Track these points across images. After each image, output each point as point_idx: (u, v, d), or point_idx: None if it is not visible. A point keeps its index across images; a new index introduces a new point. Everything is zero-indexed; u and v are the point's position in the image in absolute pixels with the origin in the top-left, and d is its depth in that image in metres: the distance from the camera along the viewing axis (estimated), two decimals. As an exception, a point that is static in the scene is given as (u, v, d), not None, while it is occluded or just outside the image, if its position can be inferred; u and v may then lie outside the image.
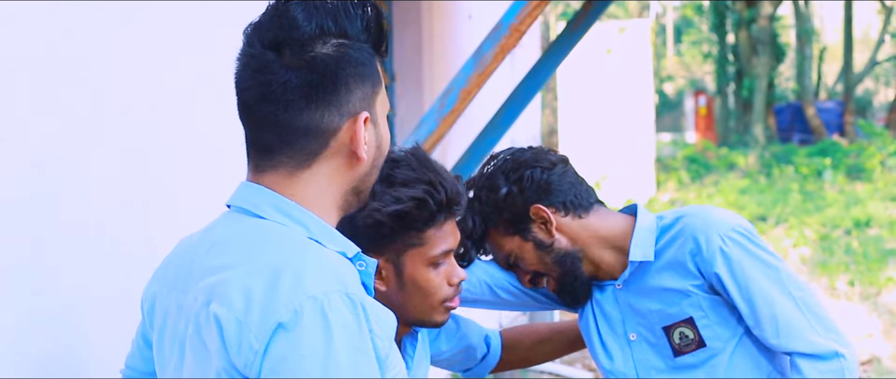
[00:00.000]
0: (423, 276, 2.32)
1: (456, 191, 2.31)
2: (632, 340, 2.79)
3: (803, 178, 21.28)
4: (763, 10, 28.71)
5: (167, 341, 1.83)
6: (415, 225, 2.27)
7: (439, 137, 4.32)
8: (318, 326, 1.59)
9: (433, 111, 4.30)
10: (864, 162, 21.58)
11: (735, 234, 2.63)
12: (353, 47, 1.78)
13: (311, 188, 1.79)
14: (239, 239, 1.76)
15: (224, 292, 1.67)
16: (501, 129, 5.68)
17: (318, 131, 1.76)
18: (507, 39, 4.22)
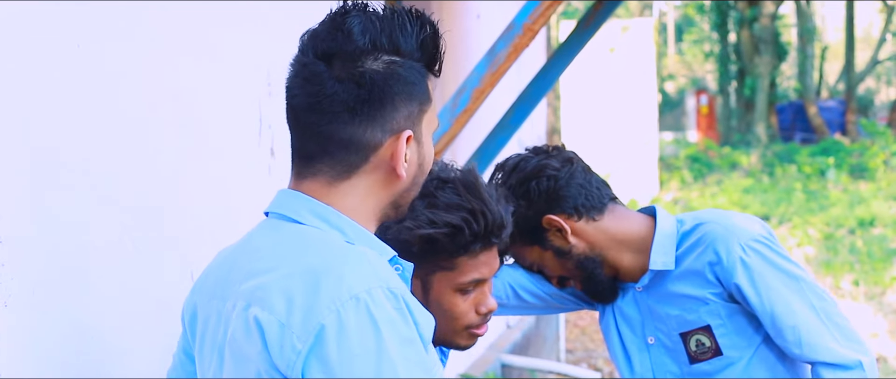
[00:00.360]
0: (449, 300, 2.27)
1: (499, 223, 2.24)
2: (650, 343, 2.79)
3: (806, 178, 21.28)
4: (765, 8, 28.70)
5: (207, 349, 1.84)
6: (445, 250, 2.21)
7: (452, 137, 4.30)
8: (365, 323, 1.61)
9: (445, 111, 4.28)
10: (867, 161, 21.59)
11: (755, 244, 2.61)
12: (404, 65, 1.78)
13: (349, 199, 1.81)
14: (278, 244, 1.77)
15: (264, 296, 1.68)
16: (511, 130, 5.66)
17: (359, 145, 1.78)
18: (520, 39, 4.21)
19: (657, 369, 2.79)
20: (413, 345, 1.65)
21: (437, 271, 2.25)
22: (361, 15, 1.78)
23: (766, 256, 2.60)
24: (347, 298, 1.62)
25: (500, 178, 2.70)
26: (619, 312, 2.83)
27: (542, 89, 5.66)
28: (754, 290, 2.60)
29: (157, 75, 2.64)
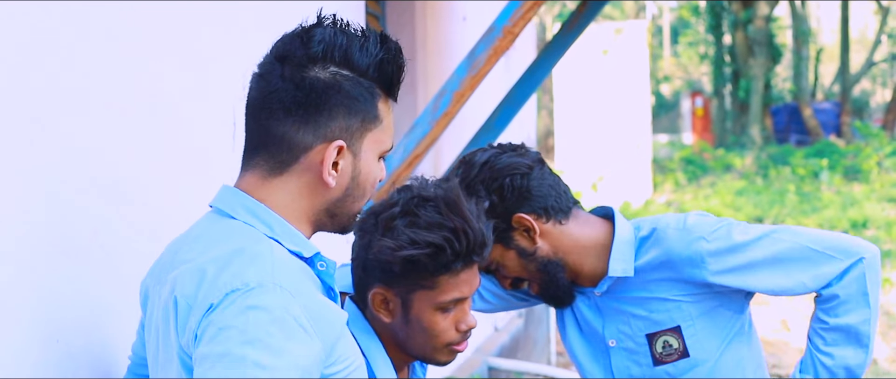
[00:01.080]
0: (429, 318, 2.28)
1: (480, 241, 2.25)
2: (611, 346, 2.78)
3: (800, 180, 21.29)
4: (759, 10, 28.72)
5: (151, 330, 1.94)
6: (427, 270, 2.22)
7: (433, 140, 4.30)
8: (241, 305, 1.69)
9: (426, 114, 4.27)
10: (860, 163, 21.61)
11: (713, 237, 2.63)
12: (350, 80, 1.88)
13: (279, 195, 1.91)
14: (208, 235, 1.88)
15: (183, 281, 1.79)
16: (496, 132, 5.67)
17: (290, 144, 1.88)
18: (500, 42, 4.20)
19: (618, 372, 2.79)
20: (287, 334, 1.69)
21: (418, 290, 2.25)
22: (328, 27, 1.89)
23: (728, 243, 2.63)
24: (240, 283, 1.72)
25: (469, 173, 2.65)
26: (578, 314, 2.82)
27: (527, 91, 5.67)
28: (736, 277, 2.63)
29: (130, 75, 2.64)
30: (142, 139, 2.68)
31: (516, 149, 2.72)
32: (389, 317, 2.30)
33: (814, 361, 2.68)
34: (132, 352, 2.23)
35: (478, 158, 2.68)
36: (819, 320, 2.67)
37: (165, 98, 2.83)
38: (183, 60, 2.94)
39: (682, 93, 39.71)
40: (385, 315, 2.30)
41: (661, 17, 45.28)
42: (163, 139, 2.80)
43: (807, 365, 2.70)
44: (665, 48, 46.76)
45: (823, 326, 2.65)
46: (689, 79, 45.01)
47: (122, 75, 2.59)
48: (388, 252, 2.20)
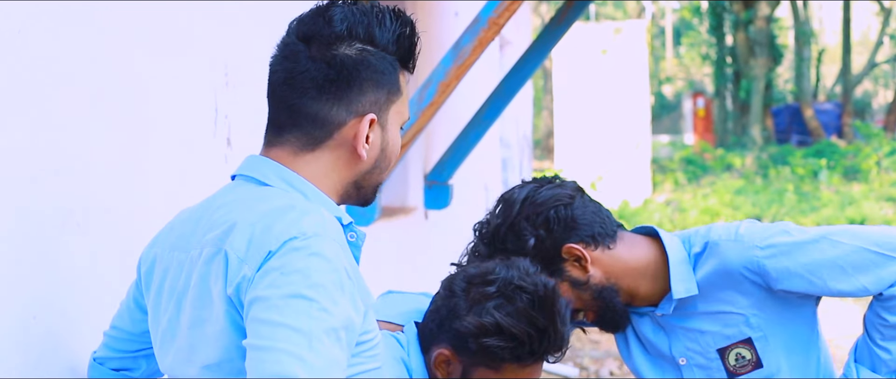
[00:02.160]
0: None
1: (558, 344, 2.28)
2: (682, 364, 2.74)
3: (799, 179, 21.30)
4: (760, 11, 28.71)
5: (165, 298, 1.96)
6: (500, 356, 2.24)
7: (419, 130, 4.35)
8: (304, 252, 1.75)
9: (412, 103, 4.32)
10: (860, 163, 21.61)
11: (767, 244, 2.59)
12: (376, 55, 1.95)
13: (311, 168, 1.96)
14: (243, 199, 1.92)
15: (232, 238, 1.83)
16: (485, 125, 5.72)
17: (324, 121, 1.94)
18: (485, 33, 4.24)
19: None
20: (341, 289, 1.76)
21: (481, 367, 2.28)
22: (345, 6, 1.95)
23: (784, 250, 2.58)
24: (297, 232, 1.77)
25: (510, 212, 2.63)
26: (641, 336, 2.79)
27: (515, 85, 5.71)
28: (798, 282, 2.58)
29: (112, 62, 2.65)
30: (120, 122, 2.69)
31: (552, 181, 2.70)
32: (446, 376, 2.33)
33: (871, 353, 2.63)
34: (112, 326, 2.24)
35: (516, 195, 2.65)
36: (878, 316, 2.59)
37: (145, 82, 2.85)
38: (164, 49, 2.96)
39: (684, 94, 39.71)
40: (442, 373, 2.33)
41: (663, 19, 45.26)
42: (142, 123, 2.81)
43: (863, 355, 2.65)
44: (667, 49, 46.73)
45: (883, 323, 2.58)
46: (691, 80, 44.99)
47: (99, 60, 2.60)
48: (472, 329, 2.24)
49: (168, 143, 2.95)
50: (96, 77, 2.59)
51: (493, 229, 2.65)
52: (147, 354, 2.22)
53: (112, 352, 2.24)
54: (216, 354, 1.83)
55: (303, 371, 1.63)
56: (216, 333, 1.82)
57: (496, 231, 2.64)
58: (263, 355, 1.66)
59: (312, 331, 1.67)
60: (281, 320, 1.68)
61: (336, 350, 1.70)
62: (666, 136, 37.43)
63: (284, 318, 1.68)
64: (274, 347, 1.66)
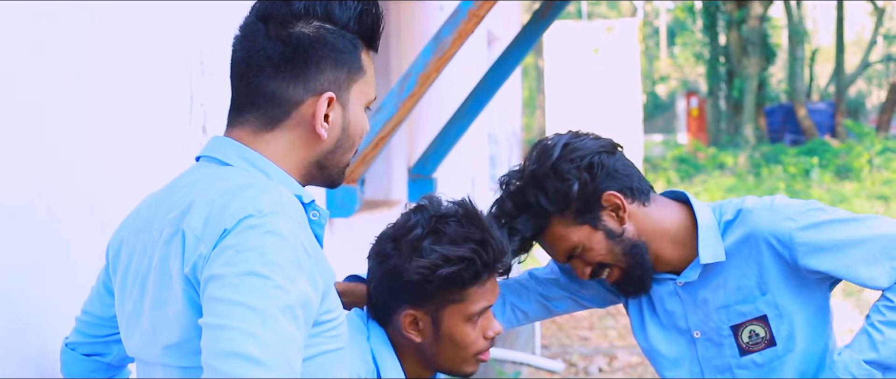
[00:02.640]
0: (460, 331, 2.34)
1: (501, 249, 2.33)
2: (696, 338, 2.73)
3: (791, 178, 21.34)
4: (753, 10, 28.76)
5: (130, 280, 1.94)
6: (460, 283, 2.28)
7: (399, 121, 4.35)
8: (260, 229, 1.73)
9: (392, 95, 4.33)
10: (852, 161, 21.65)
11: (801, 216, 2.56)
12: (334, 33, 1.92)
13: (271, 147, 1.94)
14: (207, 178, 1.90)
15: (189, 217, 1.81)
16: (469, 119, 5.73)
17: (281, 100, 1.91)
18: (465, 25, 4.25)
19: (705, 364, 2.74)
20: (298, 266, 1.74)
21: (448, 305, 2.32)
22: None
23: (819, 221, 2.54)
24: (253, 211, 1.75)
25: (549, 157, 2.60)
26: (659, 306, 2.78)
27: (498, 79, 5.73)
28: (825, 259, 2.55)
29: (86, 50, 2.65)
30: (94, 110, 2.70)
31: (589, 134, 2.69)
32: (420, 336, 2.35)
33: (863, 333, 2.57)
34: (83, 311, 2.24)
35: (555, 141, 2.64)
36: (886, 299, 2.55)
37: (120, 70, 2.85)
38: (139, 37, 2.97)
39: (678, 93, 39.77)
40: (415, 335, 2.35)
41: (657, 19, 45.29)
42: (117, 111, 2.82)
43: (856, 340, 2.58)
44: (661, 49, 46.77)
45: (888, 304, 2.54)
46: (685, 79, 45.04)
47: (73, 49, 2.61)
48: (425, 272, 2.26)
49: (143, 131, 2.96)
50: (70, 65, 2.59)
51: (528, 174, 2.63)
52: (118, 338, 2.21)
53: (83, 337, 2.25)
54: (177, 334, 1.82)
55: (256, 349, 1.62)
56: (176, 312, 1.81)
57: (533, 176, 2.61)
58: (217, 334, 1.65)
59: (267, 308, 1.66)
60: (235, 298, 1.66)
61: (291, 328, 1.68)
62: (659, 136, 37.48)
63: (239, 296, 1.66)
64: (228, 325, 1.64)
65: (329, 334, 1.86)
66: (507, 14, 9.91)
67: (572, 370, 9.77)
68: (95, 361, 2.26)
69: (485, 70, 6.04)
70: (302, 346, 1.72)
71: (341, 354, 1.92)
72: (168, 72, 3.13)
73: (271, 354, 1.63)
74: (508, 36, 9.10)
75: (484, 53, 8.72)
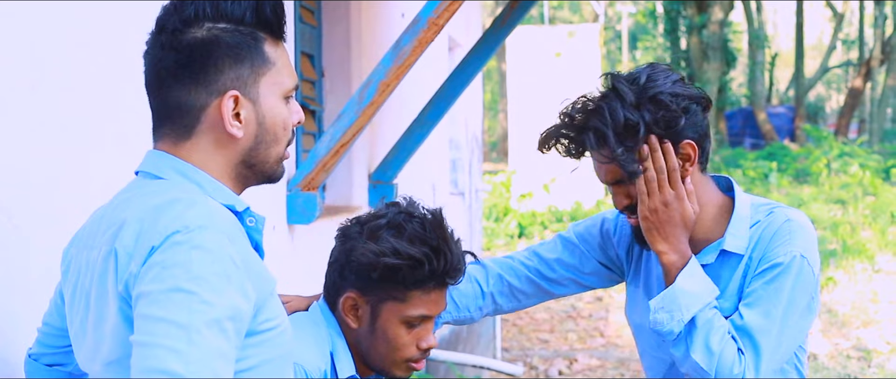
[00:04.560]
0: (394, 330, 2.37)
1: (457, 266, 2.37)
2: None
3: (751, 182, 21.50)
4: (714, 15, 28.95)
5: (77, 296, 1.95)
6: (403, 281, 2.32)
7: (359, 129, 4.38)
8: (186, 246, 1.73)
9: (352, 103, 4.35)
10: (810, 165, 21.84)
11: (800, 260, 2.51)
12: (228, 30, 1.91)
13: (194, 157, 1.93)
14: (139, 195, 1.89)
15: (121, 235, 1.81)
16: (429, 125, 5.75)
17: (188, 107, 1.91)
18: (425, 33, 4.27)
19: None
20: (226, 278, 1.74)
21: (388, 301, 2.35)
22: None
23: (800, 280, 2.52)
24: (181, 226, 1.75)
25: (656, 82, 2.55)
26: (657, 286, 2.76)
27: (459, 86, 5.75)
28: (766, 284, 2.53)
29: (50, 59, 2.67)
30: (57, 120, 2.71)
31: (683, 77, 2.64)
32: (357, 323, 2.38)
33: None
34: (43, 322, 2.25)
35: (658, 70, 2.60)
36: (722, 323, 2.55)
37: (84, 79, 2.87)
38: (103, 45, 2.98)
39: (640, 97, 39.81)
40: (353, 320, 2.38)
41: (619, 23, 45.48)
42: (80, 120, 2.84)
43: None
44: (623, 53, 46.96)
45: (712, 327, 2.54)
46: (647, 83, 45.15)
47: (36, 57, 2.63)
48: (372, 257, 2.30)
49: (103, 140, 2.95)
50: (31, 73, 2.60)
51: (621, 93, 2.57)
52: None
53: (44, 348, 2.25)
54: (115, 351, 1.83)
55: (179, 365, 1.63)
56: (112, 329, 1.82)
57: (640, 91, 2.56)
58: (144, 351, 1.66)
59: (191, 324, 1.66)
60: (161, 315, 1.67)
61: (219, 341, 1.69)
62: (621, 140, 37.49)
63: (164, 312, 1.67)
64: (153, 342, 1.65)
65: (268, 344, 1.87)
66: (469, 20, 9.93)
67: (532, 373, 9.82)
68: (58, 371, 2.27)
69: (446, 75, 6.06)
70: (232, 358, 1.72)
71: (284, 360, 1.93)
72: (129, 81, 3.13)
73: (196, 368, 1.63)
74: (470, 41, 9.12)
75: (445, 59, 8.74)
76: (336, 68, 5.99)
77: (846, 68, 41.25)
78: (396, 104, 6.43)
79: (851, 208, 17.35)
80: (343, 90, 5.91)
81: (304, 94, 5.41)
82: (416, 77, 6.05)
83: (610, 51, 42.19)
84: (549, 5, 28.97)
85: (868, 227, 15.67)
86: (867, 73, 30.75)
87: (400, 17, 6.92)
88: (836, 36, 36.31)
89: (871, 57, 30.55)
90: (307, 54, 5.53)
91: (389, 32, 6.65)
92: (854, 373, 9.20)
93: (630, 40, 46.23)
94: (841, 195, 18.70)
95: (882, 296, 11.92)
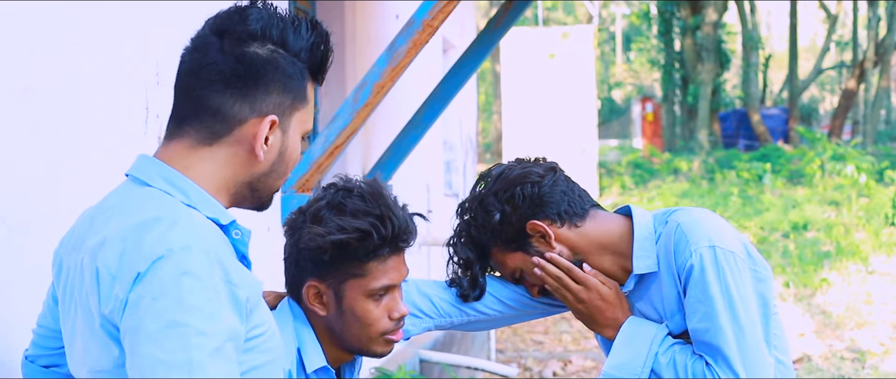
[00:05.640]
0: (361, 306, 2.37)
1: (405, 227, 2.38)
2: None
3: (744, 183, 21.51)
4: (708, 17, 28.95)
5: (67, 299, 1.95)
6: (356, 256, 2.32)
7: (353, 131, 4.37)
8: (173, 272, 1.73)
9: (347, 105, 4.35)
10: (804, 167, 21.85)
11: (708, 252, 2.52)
12: (286, 59, 1.95)
13: (205, 165, 1.95)
14: (124, 203, 1.90)
15: (102, 251, 1.81)
16: (424, 127, 5.74)
17: (226, 115, 1.92)
18: (419, 35, 4.27)
19: None
20: (216, 301, 1.75)
21: (349, 279, 2.35)
22: (263, 8, 1.96)
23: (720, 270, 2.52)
24: (164, 249, 1.75)
25: (485, 186, 2.71)
26: None
27: (453, 88, 5.74)
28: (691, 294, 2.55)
29: (41, 60, 2.66)
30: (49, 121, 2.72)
31: (530, 160, 2.75)
32: (324, 310, 2.39)
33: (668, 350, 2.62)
34: (37, 324, 2.25)
35: (493, 171, 2.74)
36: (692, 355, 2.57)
37: (75, 80, 2.86)
38: (94, 47, 2.98)
39: (633, 98, 39.95)
40: (320, 308, 2.39)
41: (613, 24, 45.52)
42: (72, 121, 2.84)
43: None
44: (617, 54, 47.02)
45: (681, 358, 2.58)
46: (641, 84, 45.27)
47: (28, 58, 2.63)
48: (319, 239, 2.30)
49: (98, 142, 2.96)
50: (25, 75, 2.60)
51: (466, 204, 2.73)
52: None
53: (40, 349, 2.26)
54: (101, 361, 1.84)
55: None
56: (99, 343, 1.83)
57: (467, 205, 2.72)
58: None
59: (193, 360, 1.68)
60: (161, 356, 1.68)
61: (224, 366, 1.71)
62: (615, 141, 37.61)
63: (164, 353, 1.68)
64: None
65: (258, 350, 1.89)
66: (463, 21, 9.94)
67: (527, 374, 9.82)
68: (54, 372, 2.27)
69: (440, 77, 6.05)
70: (238, 374, 1.75)
71: (274, 364, 1.95)
72: (123, 82, 3.14)
73: None
74: (464, 43, 9.11)
75: (440, 61, 8.74)
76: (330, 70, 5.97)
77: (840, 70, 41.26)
78: (391, 106, 6.43)
79: (845, 210, 17.35)
80: (337, 92, 5.91)
81: (299, 96, 5.40)
82: (411, 79, 6.04)
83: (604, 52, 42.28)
84: (543, 6, 28.98)
85: (862, 228, 15.66)
86: (861, 74, 30.76)
87: (394, 19, 6.93)
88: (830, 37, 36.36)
89: (865, 58, 30.55)
90: (301, 56, 5.52)
91: (384, 34, 6.65)
92: (848, 374, 9.20)
93: (624, 42, 46.33)
94: (835, 197, 18.70)
95: (876, 297, 11.92)
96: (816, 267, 13.21)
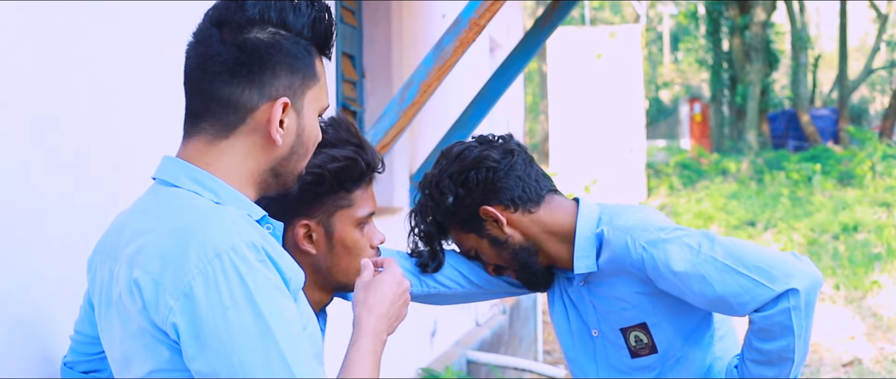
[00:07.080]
0: (351, 236, 2.38)
1: (375, 156, 2.42)
2: (594, 335, 2.81)
3: (794, 184, 21.31)
4: (756, 16, 28.73)
5: (104, 305, 1.94)
6: (346, 184, 2.35)
7: (400, 130, 4.37)
8: (232, 276, 1.74)
9: (393, 104, 4.35)
10: (854, 168, 21.61)
11: (651, 245, 2.63)
12: (289, 39, 1.94)
13: (226, 158, 1.94)
14: (156, 207, 1.90)
15: (142, 258, 1.80)
16: (471, 126, 5.75)
17: (237, 105, 1.91)
18: (466, 34, 4.27)
19: (601, 362, 2.83)
20: (279, 290, 1.78)
21: (337, 211, 2.37)
22: None
23: (665, 246, 2.62)
24: (213, 255, 1.74)
25: (442, 166, 2.75)
26: (566, 301, 2.87)
27: (500, 87, 5.74)
28: (668, 281, 2.63)
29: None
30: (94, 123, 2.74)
31: (491, 141, 2.77)
32: (314, 248, 2.39)
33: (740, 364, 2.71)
34: (75, 330, 2.26)
35: (454, 151, 2.76)
36: (749, 342, 2.64)
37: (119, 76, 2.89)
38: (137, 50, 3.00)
39: (681, 99, 39.73)
40: (310, 246, 2.39)
41: (661, 24, 45.30)
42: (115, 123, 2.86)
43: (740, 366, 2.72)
44: (665, 54, 46.78)
45: (749, 346, 2.64)
46: (688, 84, 45.01)
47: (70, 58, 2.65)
48: (318, 170, 2.31)
49: (140, 144, 2.96)
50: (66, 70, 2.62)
51: (426, 180, 2.78)
52: None
53: (78, 356, 2.27)
54: (144, 368, 1.83)
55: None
56: (147, 345, 1.82)
57: (425, 183, 2.77)
58: None
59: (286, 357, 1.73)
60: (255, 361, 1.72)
61: (309, 349, 1.77)
62: (662, 141, 37.44)
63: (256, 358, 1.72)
64: None
65: None
66: (510, 21, 9.92)
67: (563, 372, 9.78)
68: (93, 377, 2.28)
69: (487, 77, 6.05)
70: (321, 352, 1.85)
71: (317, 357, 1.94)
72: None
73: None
74: (511, 43, 9.10)
75: (486, 60, 8.73)
76: (377, 69, 5.99)
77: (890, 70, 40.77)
78: (437, 105, 6.42)
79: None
80: (384, 91, 5.91)
81: (346, 95, 5.41)
82: (458, 78, 6.04)
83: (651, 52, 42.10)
84: (590, 6, 28.90)
85: (913, 230, 15.48)
86: (912, 74, 30.43)
87: (441, 18, 6.92)
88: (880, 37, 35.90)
89: (916, 58, 30.22)
90: (348, 55, 5.53)
91: (430, 33, 6.64)
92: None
93: (672, 41, 46.07)
94: (886, 198, 18.47)
95: (928, 300, 11.78)
96: (867, 269, 13.04)
